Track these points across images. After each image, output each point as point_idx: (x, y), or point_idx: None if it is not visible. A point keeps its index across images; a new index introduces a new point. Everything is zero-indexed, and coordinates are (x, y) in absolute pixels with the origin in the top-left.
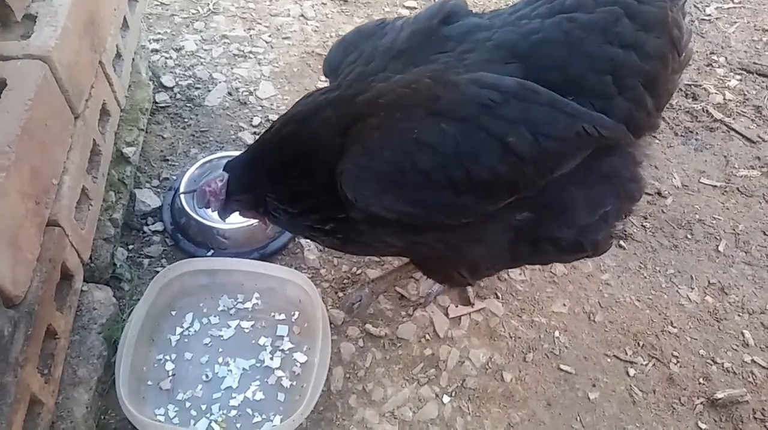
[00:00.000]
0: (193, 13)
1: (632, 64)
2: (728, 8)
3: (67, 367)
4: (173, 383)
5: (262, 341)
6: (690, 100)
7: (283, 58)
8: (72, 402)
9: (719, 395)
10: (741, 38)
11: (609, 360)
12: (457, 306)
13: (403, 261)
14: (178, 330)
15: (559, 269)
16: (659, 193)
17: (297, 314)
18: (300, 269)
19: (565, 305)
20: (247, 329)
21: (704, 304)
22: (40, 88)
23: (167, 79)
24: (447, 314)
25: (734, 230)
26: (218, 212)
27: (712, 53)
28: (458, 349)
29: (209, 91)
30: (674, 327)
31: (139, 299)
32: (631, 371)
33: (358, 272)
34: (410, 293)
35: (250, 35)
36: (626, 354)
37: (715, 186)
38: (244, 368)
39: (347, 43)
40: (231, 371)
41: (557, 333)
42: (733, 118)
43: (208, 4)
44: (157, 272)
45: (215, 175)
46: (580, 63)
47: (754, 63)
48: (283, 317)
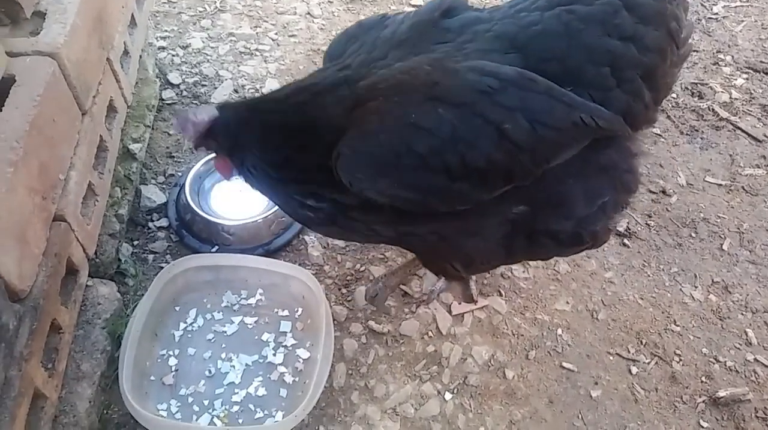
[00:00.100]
0: (200, 11)
1: (631, 56)
2: (735, 7)
3: (71, 361)
4: (176, 379)
5: (265, 337)
6: (696, 99)
7: (289, 56)
8: (75, 396)
9: (721, 393)
10: (748, 37)
11: (611, 358)
12: (460, 303)
13: (410, 255)
14: (182, 326)
15: (563, 266)
16: (664, 192)
17: (300, 310)
18: (304, 265)
19: (568, 302)
20: (250, 324)
21: (708, 302)
22: (49, 85)
23: (174, 77)
24: (450, 311)
25: (739, 228)
26: (192, 144)
27: (718, 52)
28: (461, 346)
29: (215, 88)
30: (677, 325)
31: (143, 295)
32: (634, 369)
33: (362, 268)
34: (413, 290)
35: (257, 33)
36: (629, 352)
37: (721, 185)
38: (246, 364)
39: (349, 35)
40: (234, 366)
41: (560, 331)
42: (739, 117)
43: (215, 2)
44: (162, 267)
45: (205, 107)
46: (578, 54)
47: (761, 62)
48: (286, 313)
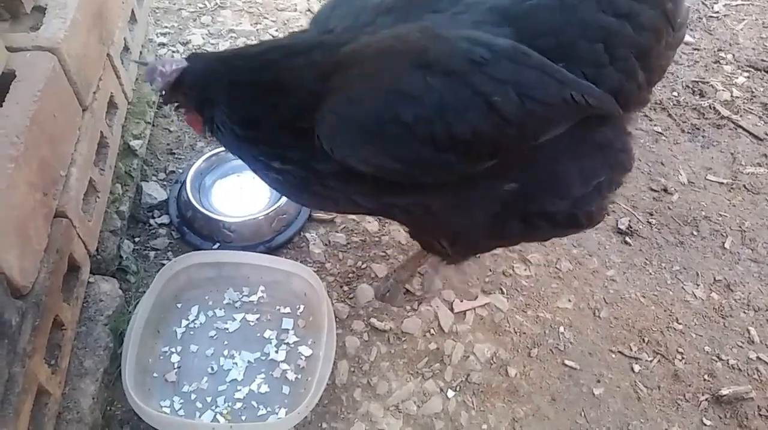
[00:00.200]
0: (200, 8)
1: (625, 34)
2: (736, 5)
3: (74, 358)
4: (179, 376)
5: (267, 334)
6: (697, 97)
7: None
8: (78, 393)
9: (724, 391)
10: (749, 35)
11: (614, 356)
12: (462, 301)
13: (417, 247)
14: (184, 323)
15: (564, 264)
16: (665, 190)
17: (302, 307)
18: (305, 262)
19: (570, 300)
20: (252, 322)
21: (710, 301)
22: (49, 80)
23: None
24: (452, 309)
25: (740, 227)
26: (161, 97)
27: (719, 50)
28: (463, 344)
29: None
30: (679, 324)
31: (145, 291)
32: (636, 367)
33: (364, 266)
34: (415, 287)
35: (257, 29)
36: (631, 350)
37: (722, 183)
38: (249, 361)
39: (337, 1)
40: (236, 363)
41: (562, 329)
42: (741, 116)
43: None
44: (163, 264)
45: (174, 58)
46: (572, 30)
47: (762, 60)
48: (288, 310)
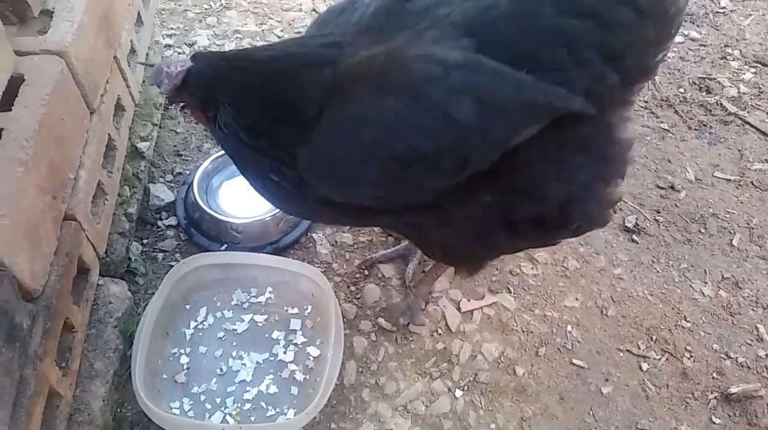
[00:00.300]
0: (206, 9)
1: (589, 35)
2: (743, 0)
3: (84, 360)
4: (188, 377)
5: (275, 334)
6: (704, 94)
7: None
8: (89, 395)
9: (733, 389)
10: (756, 31)
11: (622, 355)
12: (469, 300)
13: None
14: (193, 324)
15: (571, 263)
16: (672, 187)
17: (310, 308)
18: (312, 263)
19: (577, 299)
20: (260, 322)
21: (718, 298)
22: (57, 84)
23: None
24: (459, 309)
25: (748, 224)
26: (166, 97)
27: (726, 46)
28: (470, 343)
29: None
30: (688, 322)
31: (153, 293)
32: (644, 366)
33: (371, 266)
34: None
35: (262, 30)
36: (639, 349)
37: (729, 180)
38: (257, 362)
39: (320, 21)
40: (245, 364)
41: (570, 327)
42: (748, 112)
43: None
44: (171, 266)
45: (179, 59)
46: (532, 38)
47: None
48: (296, 311)
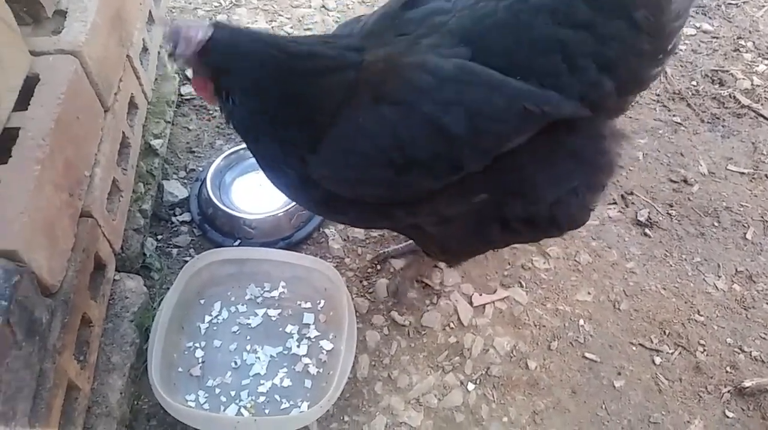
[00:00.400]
0: (216, 6)
1: (584, 44)
2: None
3: (102, 354)
4: (203, 370)
5: (288, 328)
6: (717, 86)
7: None
8: (107, 388)
9: (747, 383)
10: None
11: (634, 348)
12: (481, 294)
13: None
14: (207, 318)
15: (584, 257)
16: (685, 181)
17: (323, 302)
18: (325, 258)
19: (589, 293)
20: (274, 317)
21: (731, 292)
22: (72, 83)
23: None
24: (471, 303)
25: (762, 217)
26: (180, 61)
27: (739, 38)
28: (482, 337)
29: None
30: (701, 315)
31: (168, 288)
32: (657, 360)
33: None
34: (434, 282)
35: (272, 27)
36: (652, 342)
37: (743, 173)
38: (271, 356)
39: (342, 25)
40: (259, 358)
41: (582, 321)
42: (761, 104)
43: None
44: (186, 261)
45: (199, 21)
46: (527, 45)
47: None
48: (309, 305)
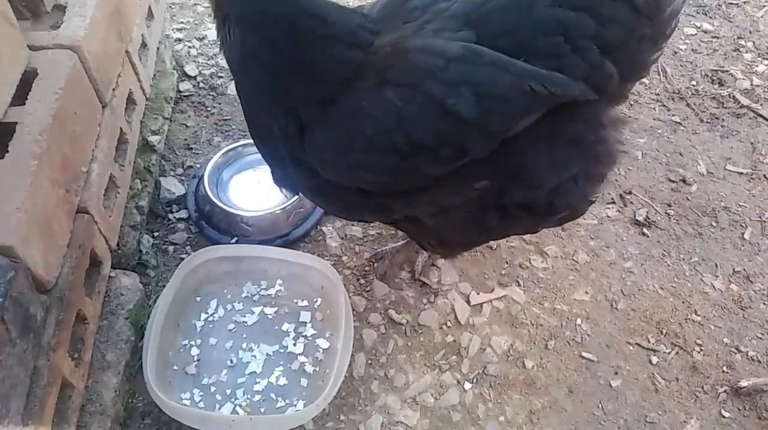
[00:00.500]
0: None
1: (585, 26)
2: None
3: (96, 351)
4: (198, 368)
5: (285, 327)
6: (716, 86)
7: None
8: (101, 386)
9: (743, 383)
10: None
11: (631, 348)
12: (479, 293)
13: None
14: (203, 316)
15: (581, 256)
16: (684, 181)
17: (319, 300)
18: (322, 256)
19: (587, 292)
20: (270, 315)
21: (729, 292)
22: (70, 78)
23: (190, 68)
24: (468, 302)
25: (760, 217)
26: None
27: (739, 38)
28: (480, 336)
29: (232, 80)
30: (698, 315)
31: (164, 285)
32: (654, 359)
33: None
34: (432, 280)
35: None
36: (649, 342)
37: (742, 173)
38: (267, 354)
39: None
40: (255, 356)
41: (579, 321)
42: (761, 104)
43: None
44: (182, 258)
45: None
46: (529, 27)
47: None
48: (306, 303)
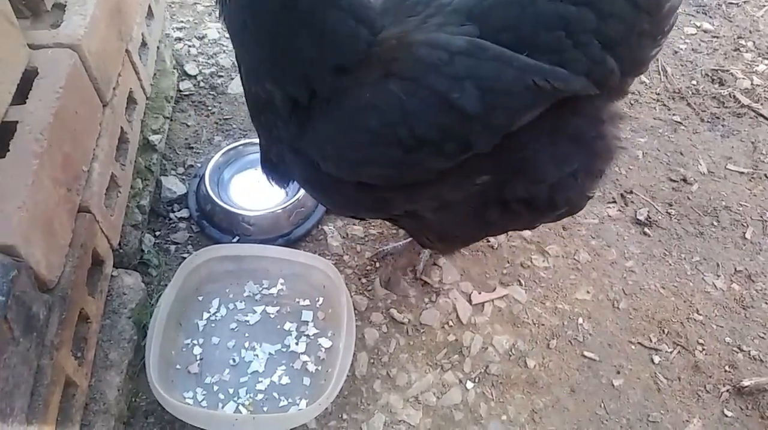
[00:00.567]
0: (216, 1)
1: (586, 21)
2: None
3: (99, 350)
4: (201, 367)
5: (287, 326)
6: (717, 86)
7: None
8: (104, 385)
9: (746, 383)
10: None
11: (633, 347)
12: (480, 293)
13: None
14: (205, 315)
15: (583, 256)
16: (685, 180)
17: (321, 299)
18: (323, 255)
19: (588, 292)
20: (272, 314)
21: (730, 291)
22: (71, 77)
23: (190, 68)
24: (470, 301)
25: (762, 217)
26: None
27: (739, 37)
28: (481, 335)
29: (232, 79)
30: (700, 315)
31: (166, 285)
32: (656, 359)
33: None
34: (433, 280)
35: None
36: (651, 341)
37: (742, 172)
38: (270, 353)
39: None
40: (257, 355)
41: (581, 320)
42: (761, 104)
43: None
44: (184, 258)
45: None
46: (530, 21)
47: None
48: (307, 302)
